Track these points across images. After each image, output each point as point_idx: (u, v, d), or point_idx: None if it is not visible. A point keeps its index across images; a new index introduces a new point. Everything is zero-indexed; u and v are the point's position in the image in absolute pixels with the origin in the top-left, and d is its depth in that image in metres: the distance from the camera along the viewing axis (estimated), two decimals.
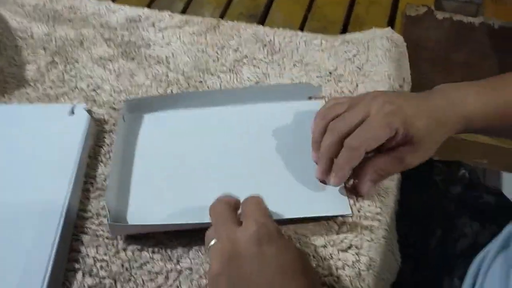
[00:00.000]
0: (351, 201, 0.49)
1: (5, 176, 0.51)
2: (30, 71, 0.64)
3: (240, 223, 0.39)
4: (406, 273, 0.57)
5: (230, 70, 0.63)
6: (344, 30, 0.76)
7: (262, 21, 0.76)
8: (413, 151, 0.47)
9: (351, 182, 0.50)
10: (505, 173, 1.41)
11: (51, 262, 0.43)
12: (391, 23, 1.08)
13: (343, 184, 0.49)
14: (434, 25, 1.36)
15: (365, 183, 0.48)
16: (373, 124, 0.45)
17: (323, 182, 0.49)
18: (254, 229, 0.37)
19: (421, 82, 0.72)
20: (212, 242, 0.39)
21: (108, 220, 0.45)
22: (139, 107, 0.58)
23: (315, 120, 0.50)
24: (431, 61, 1.32)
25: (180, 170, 0.53)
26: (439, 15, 1.33)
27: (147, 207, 0.50)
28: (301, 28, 0.75)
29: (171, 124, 0.57)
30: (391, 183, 0.52)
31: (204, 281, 0.45)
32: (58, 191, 0.48)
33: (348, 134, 0.46)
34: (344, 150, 0.46)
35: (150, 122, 0.58)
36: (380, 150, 0.48)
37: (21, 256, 0.44)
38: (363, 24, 0.76)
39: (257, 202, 0.41)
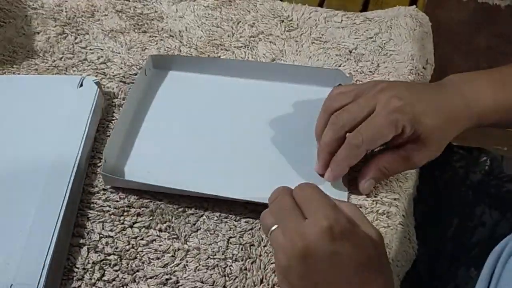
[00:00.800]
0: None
1: (9, 144, 0.50)
2: (40, 41, 0.62)
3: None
4: (421, 262, 0.55)
5: (245, 46, 0.60)
6: (364, 9, 0.73)
7: None
8: (420, 149, 0.45)
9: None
10: None
11: (55, 234, 0.42)
12: (413, 3, 1.05)
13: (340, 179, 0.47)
14: (457, 6, 1.32)
15: (367, 181, 0.45)
16: (377, 121, 0.43)
17: (322, 175, 0.47)
18: (325, 225, 0.34)
19: (441, 65, 0.69)
20: (274, 228, 0.37)
21: (101, 169, 0.46)
22: (163, 65, 0.57)
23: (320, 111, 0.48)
24: (453, 44, 1.28)
25: (188, 135, 0.52)
26: None
27: (147, 165, 0.49)
28: (320, 5, 0.72)
29: (192, 87, 0.57)
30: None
31: (212, 261, 0.43)
32: (65, 165, 0.47)
33: (350, 129, 0.44)
34: (344, 146, 0.44)
35: (172, 81, 0.57)
36: (385, 146, 0.45)
37: (25, 225, 0.43)
38: (384, 3, 0.73)
39: (318, 192, 0.38)
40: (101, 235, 0.45)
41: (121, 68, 0.59)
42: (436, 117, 0.43)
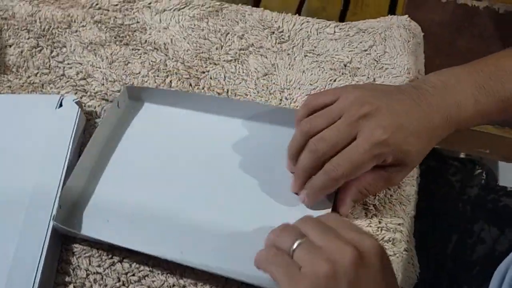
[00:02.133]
0: (369, 214, 0.45)
1: None
2: (12, 55, 0.58)
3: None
4: (422, 282, 0.53)
5: (235, 59, 0.57)
6: (344, 10, 0.71)
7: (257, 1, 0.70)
8: (401, 170, 0.44)
9: None
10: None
11: (38, 274, 0.38)
12: (393, 5, 1.03)
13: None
14: (437, 8, 1.32)
15: (347, 203, 0.44)
16: (359, 156, 0.41)
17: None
18: (376, 243, 0.34)
19: (424, 67, 0.68)
20: (298, 242, 0.34)
21: (54, 218, 0.42)
22: (139, 96, 0.53)
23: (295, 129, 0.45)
24: (434, 46, 1.28)
25: (156, 180, 0.47)
26: None
27: (108, 212, 0.45)
28: (300, 7, 0.69)
29: (167, 122, 0.52)
30: (413, 189, 0.48)
31: None
32: (46, 196, 0.43)
33: (329, 156, 0.42)
34: (322, 174, 0.42)
35: (146, 115, 0.53)
36: None
37: (5, 264, 0.39)
38: (364, 5, 0.71)
39: (335, 217, 0.38)
40: (88, 272, 0.41)
41: (103, 85, 0.55)
42: (418, 143, 0.43)
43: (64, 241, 0.43)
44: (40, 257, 0.40)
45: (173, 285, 0.41)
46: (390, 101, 0.43)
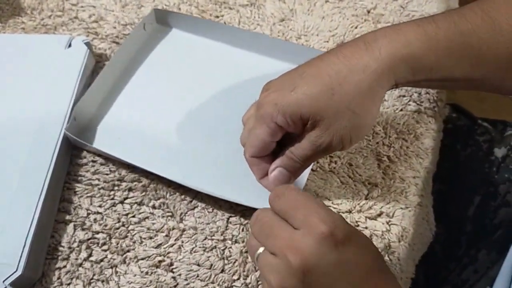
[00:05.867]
0: (383, 165, 0.42)
1: None
2: None
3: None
4: (438, 243, 0.51)
5: (251, 4, 0.55)
6: None
7: None
8: (321, 133, 0.36)
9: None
10: None
11: (38, 208, 0.38)
12: None
13: None
14: None
15: (274, 169, 0.38)
16: (253, 126, 0.37)
17: None
18: (325, 231, 0.29)
19: None
20: (260, 250, 0.31)
21: (67, 129, 0.42)
22: (166, 21, 0.52)
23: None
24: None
25: (172, 106, 0.47)
26: None
27: (120, 131, 0.45)
28: None
29: (191, 50, 0.51)
30: (432, 142, 0.45)
31: (210, 243, 0.39)
32: (50, 131, 0.43)
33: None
34: None
35: (172, 40, 0.52)
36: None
37: (6, 197, 0.39)
38: None
39: (301, 194, 0.32)
40: (89, 211, 0.41)
41: (115, 28, 0.53)
42: (311, 89, 0.35)
43: (66, 180, 0.42)
44: (41, 191, 0.39)
45: (173, 228, 0.40)
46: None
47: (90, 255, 0.39)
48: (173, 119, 0.46)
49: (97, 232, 0.40)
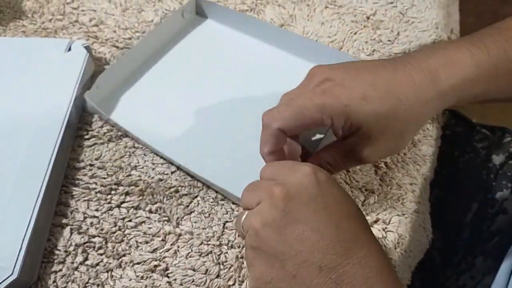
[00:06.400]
0: (380, 172, 0.42)
1: None
2: (29, 1, 0.57)
3: None
4: (435, 249, 0.51)
5: (251, 9, 0.55)
6: None
7: None
8: (366, 143, 0.35)
9: None
10: None
11: (35, 211, 0.38)
12: None
13: None
14: None
15: None
16: (298, 102, 0.35)
17: None
18: (309, 170, 0.30)
19: (463, 36, 0.64)
20: (245, 215, 0.32)
21: (87, 94, 0.44)
22: (202, 10, 0.54)
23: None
24: (475, 14, 1.21)
25: (193, 97, 0.48)
26: None
27: (137, 110, 0.47)
28: None
29: (224, 43, 0.52)
30: (430, 149, 0.45)
31: (206, 248, 0.39)
32: (48, 135, 0.43)
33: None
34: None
35: (206, 30, 0.53)
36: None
37: (2, 199, 0.39)
38: None
39: (288, 162, 0.34)
40: (85, 215, 0.41)
41: (115, 32, 0.54)
42: (381, 103, 0.34)
43: (63, 184, 0.43)
44: (39, 194, 0.39)
45: (169, 233, 0.40)
46: (350, 63, 0.37)
47: (86, 259, 0.39)
48: (191, 106, 0.47)
49: (94, 236, 0.40)
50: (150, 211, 0.41)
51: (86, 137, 0.45)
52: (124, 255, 0.39)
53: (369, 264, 0.28)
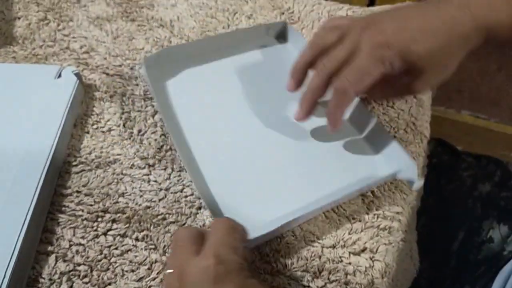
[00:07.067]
0: (367, 200, 0.43)
1: None
2: (20, 27, 0.58)
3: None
4: (423, 278, 0.51)
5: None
6: (370, 5, 0.68)
7: None
8: (420, 77, 0.40)
9: None
10: None
11: (20, 238, 0.38)
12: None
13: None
14: None
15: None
16: (361, 61, 0.39)
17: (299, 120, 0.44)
18: (208, 263, 0.31)
19: None
20: (168, 272, 0.33)
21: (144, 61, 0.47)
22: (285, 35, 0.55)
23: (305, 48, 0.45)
24: None
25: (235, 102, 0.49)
26: None
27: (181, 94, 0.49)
28: None
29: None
30: None
31: None
32: (36, 162, 0.42)
33: (336, 72, 0.40)
34: (333, 94, 0.40)
35: (281, 51, 0.54)
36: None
37: None
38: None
39: (224, 227, 0.34)
40: (71, 243, 0.40)
41: (105, 59, 0.54)
42: (430, 41, 0.39)
43: (50, 211, 0.42)
44: (24, 222, 0.39)
45: (155, 261, 0.40)
46: (395, 11, 0.42)
47: (71, 287, 0.38)
48: (227, 117, 0.48)
49: (79, 264, 0.39)
50: (137, 239, 0.41)
51: (74, 163, 0.45)
52: (109, 284, 0.38)
53: None
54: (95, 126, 0.48)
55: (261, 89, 0.50)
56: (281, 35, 0.55)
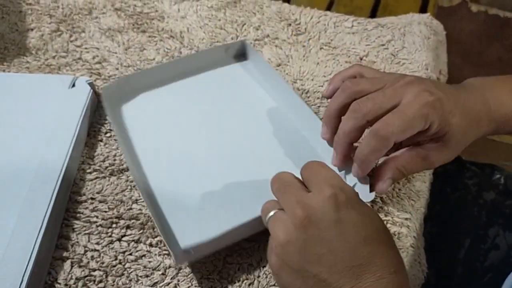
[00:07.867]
0: (376, 206, 0.44)
1: None
2: (33, 38, 0.59)
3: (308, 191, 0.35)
4: (430, 285, 0.51)
5: None
6: (372, 17, 0.70)
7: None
8: (440, 150, 0.41)
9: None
10: None
11: (37, 245, 0.39)
12: (422, 13, 1.01)
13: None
14: (467, 18, 1.29)
15: (385, 181, 0.41)
16: (407, 112, 0.38)
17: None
18: (330, 193, 0.33)
19: (451, 76, 0.66)
20: (272, 213, 0.35)
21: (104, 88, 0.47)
22: (244, 53, 0.55)
23: (329, 86, 0.46)
24: (462, 55, 1.25)
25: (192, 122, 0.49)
26: (474, 8, 1.25)
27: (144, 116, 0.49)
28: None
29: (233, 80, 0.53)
30: (424, 185, 0.46)
31: (206, 282, 0.40)
32: (51, 170, 0.43)
33: (373, 119, 0.39)
34: (370, 138, 0.38)
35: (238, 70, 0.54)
36: (403, 144, 0.42)
37: (4, 234, 0.39)
38: (392, 12, 0.70)
39: (323, 166, 0.36)
40: (86, 248, 0.41)
41: (117, 69, 0.55)
42: (461, 118, 0.40)
43: (65, 217, 0.43)
44: (40, 229, 0.40)
45: (169, 267, 0.40)
46: (433, 81, 0.43)
47: None
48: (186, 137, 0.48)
49: (94, 270, 0.40)
50: (151, 245, 0.41)
51: (88, 170, 0.46)
52: None
53: None
54: (108, 135, 0.49)
55: (217, 108, 0.50)
56: (241, 54, 0.55)
